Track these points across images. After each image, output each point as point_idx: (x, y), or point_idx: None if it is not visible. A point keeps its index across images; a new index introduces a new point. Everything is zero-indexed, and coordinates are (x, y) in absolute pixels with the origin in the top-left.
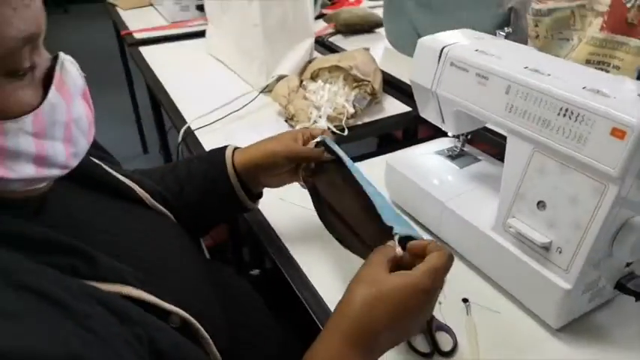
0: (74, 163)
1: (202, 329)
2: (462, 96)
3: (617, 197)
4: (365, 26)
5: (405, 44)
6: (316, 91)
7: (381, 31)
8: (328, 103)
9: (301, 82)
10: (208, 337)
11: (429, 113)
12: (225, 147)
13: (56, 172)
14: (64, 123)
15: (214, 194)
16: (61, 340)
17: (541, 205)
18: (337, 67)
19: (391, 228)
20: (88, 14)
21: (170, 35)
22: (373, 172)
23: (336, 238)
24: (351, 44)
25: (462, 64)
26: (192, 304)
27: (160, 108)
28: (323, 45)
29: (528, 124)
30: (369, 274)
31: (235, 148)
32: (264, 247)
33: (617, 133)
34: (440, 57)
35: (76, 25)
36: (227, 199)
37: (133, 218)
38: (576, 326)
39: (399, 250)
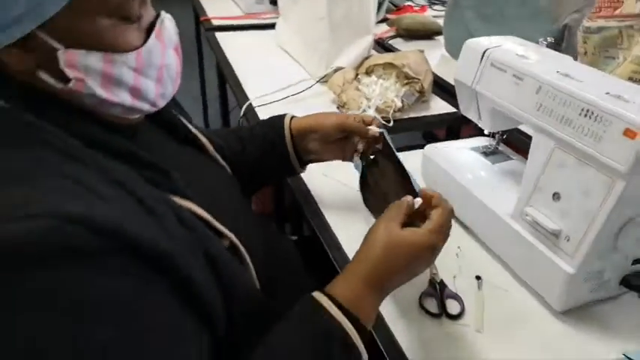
0: (161, 103)
1: (247, 256)
2: (497, 94)
3: (624, 192)
4: (425, 33)
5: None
6: (369, 85)
7: (441, 38)
8: (379, 96)
9: (356, 75)
10: (251, 263)
11: (468, 110)
12: (285, 114)
13: (146, 107)
14: (158, 66)
15: (272, 154)
16: (140, 225)
17: (556, 196)
18: (391, 65)
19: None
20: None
21: (244, 25)
22: (412, 162)
23: (371, 211)
24: (408, 48)
25: (501, 65)
26: (241, 238)
27: (226, 87)
28: (382, 46)
29: (553, 122)
30: (385, 226)
31: (293, 117)
32: (303, 212)
33: (630, 133)
34: (482, 58)
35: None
36: (282, 160)
37: (198, 162)
38: (579, 312)
39: (418, 200)
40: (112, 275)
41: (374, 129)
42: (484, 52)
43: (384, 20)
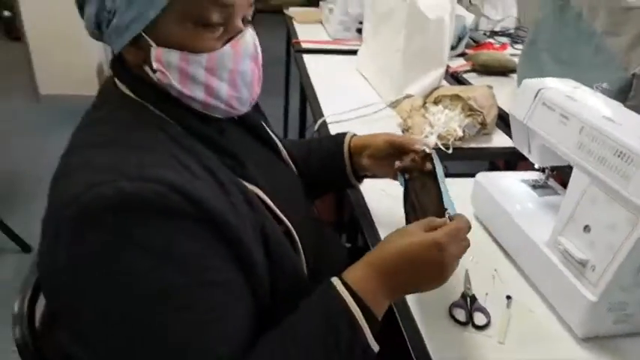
0: (237, 105)
1: (299, 243)
2: (545, 131)
3: None
4: (500, 69)
5: None
6: (435, 113)
7: (515, 76)
8: (443, 124)
9: (425, 103)
10: (302, 250)
11: (519, 144)
12: (348, 132)
13: (222, 106)
14: (230, 70)
15: (331, 167)
16: (218, 201)
17: (587, 228)
18: (457, 97)
19: (446, 209)
20: (267, 23)
21: (329, 49)
22: (467, 188)
23: None
24: (481, 82)
25: (551, 104)
26: (296, 228)
27: (306, 105)
28: (456, 79)
29: (590, 160)
30: (406, 230)
31: (354, 135)
32: (359, 223)
33: None
34: (536, 96)
35: (256, 30)
36: (339, 173)
37: (272, 161)
38: (602, 342)
39: (445, 219)
40: (190, 235)
41: (420, 144)
42: (538, 91)
43: (462, 55)
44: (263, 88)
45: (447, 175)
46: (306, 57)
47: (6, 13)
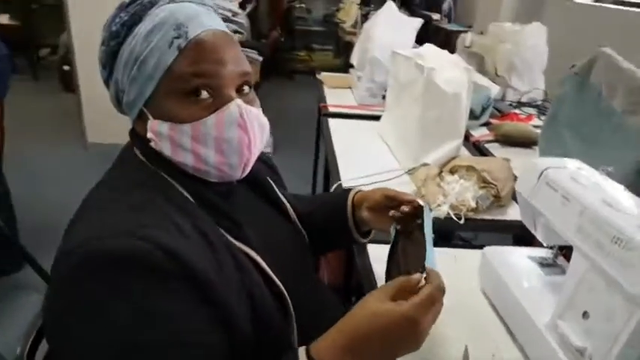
0: (228, 170)
1: (291, 306)
2: (548, 210)
3: None
4: (523, 141)
5: None
6: (450, 183)
7: (537, 148)
8: (457, 194)
9: (441, 172)
10: (293, 312)
11: (526, 220)
12: (353, 188)
13: (213, 171)
14: (214, 137)
15: (334, 220)
16: (202, 260)
17: (586, 315)
18: (473, 168)
19: (423, 266)
20: (307, 82)
21: (353, 114)
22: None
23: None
24: (502, 153)
25: (554, 185)
26: (290, 292)
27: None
28: (478, 149)
29: (589, 244)
30: (377, 296)
31: (359, 190)
32: (362, 285)
33: None
34: (540, 175)
35: (295, 90)
36: (342, 227)
37: (276, 222)
38: None
39: (417, 276)
40: (170, 293)
41: (412, 197)
42: (543, 171)
43: (486, 124)
44: (297, 143)
45: (470, 246)
46: (330, 120)
47: (65, 68)
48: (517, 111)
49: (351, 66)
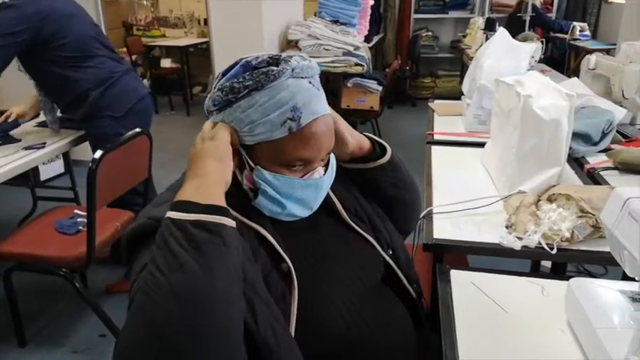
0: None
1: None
2: (630, 242)
3: None
4: None
5: None
6: (547, 211)
7: None
8: (551, 223)
9: (538, 200)
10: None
11: (614, 250)
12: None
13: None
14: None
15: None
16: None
17: None
18: (572, 197)
19: None
20: (425, 108)
21: (457, 141)
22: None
23: None
24: (621, 182)
25: (637, 215)
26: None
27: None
28: (591, 177)
29: None
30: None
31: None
32: (439, 313)
33: None
34: (623, 205)
35: (416, 117)
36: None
37: (342, 238)
38: None
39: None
40: None
41: None
42: (626, 200)
43: (606, 150)
44: (411, 169)
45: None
46: (436, 147)
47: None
48: None
49: None
